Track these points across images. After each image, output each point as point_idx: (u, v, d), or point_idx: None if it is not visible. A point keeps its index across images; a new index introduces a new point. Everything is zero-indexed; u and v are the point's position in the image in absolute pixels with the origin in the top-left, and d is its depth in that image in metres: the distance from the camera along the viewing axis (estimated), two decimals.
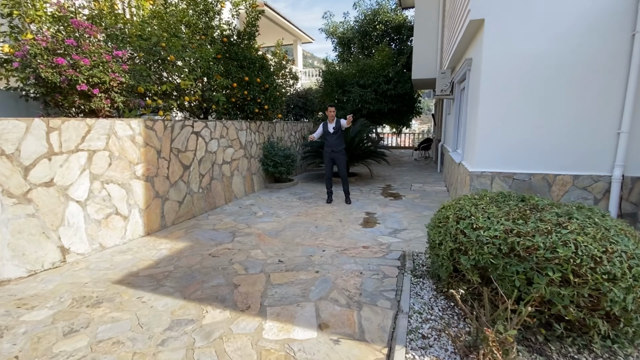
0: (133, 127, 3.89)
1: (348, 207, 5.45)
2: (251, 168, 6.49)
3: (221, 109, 6.30)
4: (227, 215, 5.01)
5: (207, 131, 5.20)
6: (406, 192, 6.66)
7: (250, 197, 6.14)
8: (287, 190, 6.80)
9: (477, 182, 4.01)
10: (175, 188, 4.53)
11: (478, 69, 4.05)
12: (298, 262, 3.29)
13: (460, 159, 5.08)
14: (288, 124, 8.25)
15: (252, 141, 6.53)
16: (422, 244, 3.77)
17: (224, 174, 5.64)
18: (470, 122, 4.54)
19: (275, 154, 6.73)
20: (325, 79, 10.05)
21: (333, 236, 4.06)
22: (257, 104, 6.76)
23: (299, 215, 5.01)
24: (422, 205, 5.51)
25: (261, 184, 6.83)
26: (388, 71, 9.82)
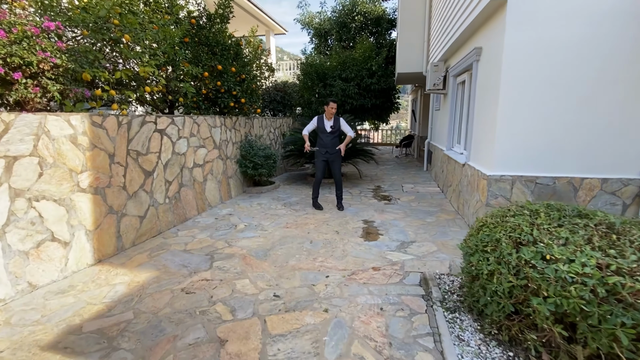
0: (74, 124, 2.97)
1: (342, 215, 4.82)
2: (227, 171, 5.65)
3: (190, 102, 5.39)
4: (201, 229, 4.18)
5: (174, 129, 4.32)
6: (399, 194, 6.16)
7: (227, 205, 5.32)
8: (269, 195, 6.04)
9: (495, 187, 3.53)
10: (135, 200, 3.64)
11: (496, 59, 3.55)
12: (299, 296, 2.60)
13: (465, 159, 4.61)
14: (267, 120, 7.44)
15: (227, 140, 5.69)
16: (439, 261, 3.23)
17: (195, 179, 4.78)
18: (481, 119, 4.06)
19: (255, 154, 5.94)
20: (305, 71, 9.31)
21: (334, 254, 3.41)
22: (232, 96, 5.91)
23: (288, 226, 4.30)
24: (422, 210, 5.01)
25: (239, 189, 6.01)
26: (371, 64, 9.27)
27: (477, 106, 4.23)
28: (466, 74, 5.09)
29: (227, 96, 5.82)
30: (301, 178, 7.80)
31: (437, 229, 4.15)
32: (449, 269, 3.08)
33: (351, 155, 7.13)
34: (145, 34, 4.04)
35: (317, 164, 5.17)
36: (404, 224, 4.40)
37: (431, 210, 5.00)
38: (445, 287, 2.73)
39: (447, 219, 4.56)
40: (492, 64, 3.67)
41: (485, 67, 3.96)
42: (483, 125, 3.94)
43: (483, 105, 3.97)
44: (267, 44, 17.14)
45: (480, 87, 4.11)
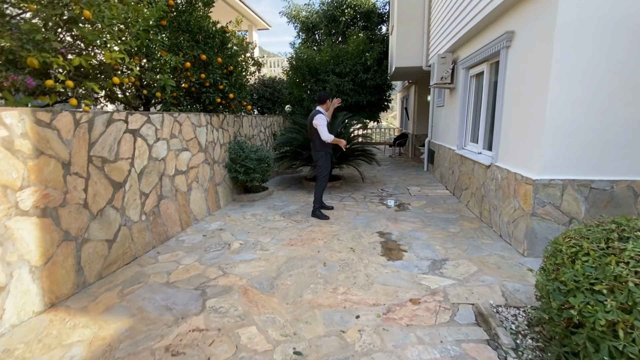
0: (9, 123, 2.17)
1: (352, 226, 4.18)
2: (215, 177, 4.88)
3: (169, 98, 4.59)
4: (187, 251, 3.43)
5: (151, 129, 3.54)
6: (407, 198, 5.59)
7: (216, 218, 4.56)
8: (264, 204, 5.31)
9: (543, 193, 2.98)
10: (101, 220, 2.85)
11: (540, 43, 3.01)
12: (328, 351, 1.94)
13: (490, 160, 4.08)
14: (257, 118, 6.69)
15: (214, 141, 4.92)
16: (486, 286, 2.65)
17: (177, 189, 4.00)
18: (515, 115, 3.52)
19: (247, 156, 5.20)
20: (295, 65, 8.60)
21: (357, 281, 2.76)
22: (218, 91, 5.15)
23: (293, 243, 3.62)
24: (440, 218, 4.45)
25: (228, 197, 5.25)
26: (365, 58, 8.69)
27: (508, 100, 3.69)
28: (485, 64, 4.56)
29: (212, 91, 5.05)
30: (295, 182, 7.11)
31: (467, 242, 3.59)
32: (504, 297, 2.51)
33: (352, 156, 6.51)
34: (111, 11, 3.24)
35: (323, 167, 4.51)
36: (426, 235, 3.81)
37: (450, 218, 4.44)
38: (511, 325, 2.14)
39: (473, 229, 4.01)
40: (535, 49, 3.13)
41: (521, 54, 3.42)
42: (519, 121, 3.40)
43: (518, 98, 3.43)
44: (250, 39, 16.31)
45: (513, 77, 3.58)
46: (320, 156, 4.49)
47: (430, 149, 8.02)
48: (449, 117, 6.36)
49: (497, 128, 3.94)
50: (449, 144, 6.25)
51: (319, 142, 4.40)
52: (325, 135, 4.27)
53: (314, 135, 4.40)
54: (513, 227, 3.39)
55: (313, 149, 4.56)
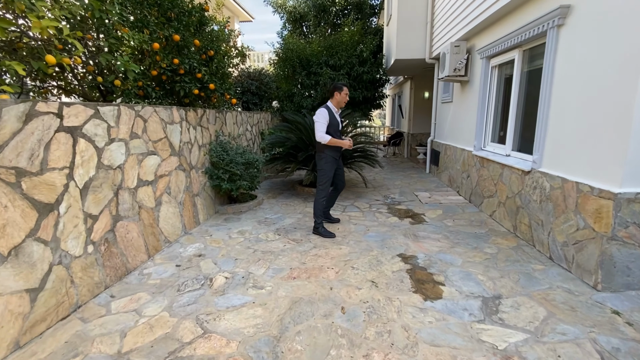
0: None
1: (364, 247, 3.38)
2: (192, 186, 3.96)
3: (133, 88, 3.64)
4: (153, 292, 2.53)
5: (100, 126, 2.60)
6: (418, 206, 4.86)
7: (194, 238, 3.65)
8: (253, 216, 4.43)
9: (627, 211, 2.29)
10: (17, 262, 1.92)
11: (622, 18, 2.30)
12: None
13: (530, 164, 3.39)
14: (243, 114, 5.78)
15: (191, 141, 4.00)
16: (572, 343, 1.92)
17: (142, 206, 3.07)
18: (576, 110, 2.82)
19: (231, 160, 4.30)
20: (285, 56, 7.71)
21: (394, 341, 1.97)
22: (196, 81, 4.22)
23: (295, 275, 2.78)
24: (466, 233, 3.73)
25: (210, 209, 4.34)
26: (362, 50, 7.91)
27: (559, 92, 3.00)
28: (516, 51, 3.87)
29: (189, 80, 4.12)
30: (288, 187, 6.25)
31: (513, 268, 2.87)
32: None
33: (351, 158, 5.72)
34: None
35: (324, 173, 3.68)
36: (460, 259, 3.07)
37: (479, 234, 3.73)
38: None
39: (511, 248, 3.31)
40: (607, 27, 2.42)
41: (582, 34, 2.71)
42: (582, 118, 2.70)
43: (580, 90, 2.73)
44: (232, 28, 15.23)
45: (568, 64, 2.87)
46: (321, 159, 3.67)
47: (433, 150, 7.35)
48: (461, 114, 5.68)
49: (540, 126, 3.24)
50: (461, 144, 5.57)
51: (320, 145, 3.62)
52: (319, 135, 3.50)
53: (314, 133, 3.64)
54: (575, 251, 2.70)
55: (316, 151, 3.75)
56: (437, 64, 7.07)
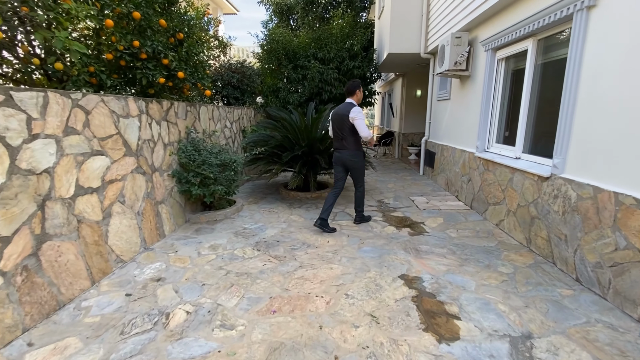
0: None
1: (359, 265, 2.86)
2: (155, 192, 3.34)
3: (83, 74, 2.99)
4: (85, 335, 1.92)
5: (15, 117, 1.97)
6: (416, 213, 4.38)
7: (155, 255, 3.03)
8: (229, 226, 3.84)
9: None
10: None
11: None
12: None
13: (550, 170, 2.94)
14: (221, 109, 5.16)
15: (154, 139, 3.37)
16: None
17: (82, 219, 2.44)
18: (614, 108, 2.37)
19: (204, 161, 3.70)
20: (270, 48, 7.11)
21: None
22: (162, 68, 3.59)
23: (275, 306, 2.22)
24: (474, 247, 3.26)
25: (178, 218, 3.72)
26: (352, 43, 7.40)
27: (589, 86, 2.55)
28: (529, 41, 3.42)
29: (152, 66, 3.49)
30: (271, 191, 5.66)
31: (538, 294, 2.40)
32: None
33: None
34: None
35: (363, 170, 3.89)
36: (473, 281, 2.58)
37: (488, 247, 3.27)
38: None
39: (529, 266, 2.85)
40: None
41: (623, 14, 2.26)
42: (622, 117, 2.25)
43: (620, 83, 2.28)
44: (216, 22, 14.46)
45: (602, 53, 2.42)
46: (359, 157, 3.75)
47: (428, 150, 6.91)
48: (460, 112, 5.24)
49: (563, 126, 2.79)
50: (461, 145, 5.13)
51: (354, 141, 3.66)
52: (366, 132, 3.59)
53: (346, 132, 3.61)
54: (612, 275, 2.25)
55: (341, 150, 3.74)
56: (433, 59, 6.63)
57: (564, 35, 3.06)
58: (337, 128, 3.67)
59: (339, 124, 3.63)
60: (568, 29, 2.91)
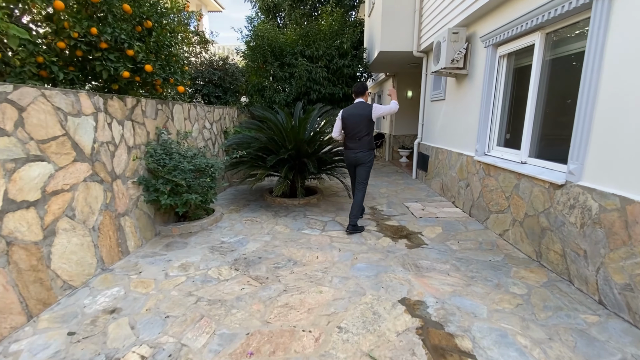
0: None
1: (352, 285, 2.48)
2: (116, 203, 2.88)
3: (29, 64, 2.53)
4: None
5: None
6: (412, 222, 4.04)
7: (114, 277, 2.58)
8: (205, 239, 3.40)
9: None
10: None
11: None
12: None
13: (564, 176, 2.64)
14: (199, 108, 4.71)
15: (114, 141, 2.91)
16: None
17: (14, 241, 1.98)
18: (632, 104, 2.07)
19: (176, 166, 3.26)
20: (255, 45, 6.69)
21: None
22: (126, 59, 3.13)
23: (252, 348, 1.82)
24: (479, 262, 2.93)
25: (146, 231, 3.26)
26: (342, 40, 7.06)
27: (612, 82, 2.25)
28: (537, 34, 3.13)
29: (115, 58, 3.03)
30: (255, 197, 5.23)
31: (560, 322, 2.07)
32: None
33: (332, 163, 4.83)
34: None
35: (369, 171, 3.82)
36: (484, 306, 2.24)
37: (495, 262, 2.94)
38: None
39: (543, 285, 2.53)
40: None
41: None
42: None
43: None
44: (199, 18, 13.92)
45: (628, 44, 2.13)
46: (372, 156, 3.76)
47: (421, 153, 6.62)
48: (457, 113, 4.94)
49: (580, 127, 2.49)
50: (458, 148, 4.83)
51: (369, 140, 3.70)
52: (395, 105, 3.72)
53: (363, 131, 3.63)
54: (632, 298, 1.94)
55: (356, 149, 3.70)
56: (426, 58, 6.35)
57: (577, 27, 2.77)
58: (353, 127, 3.66)
59: (356, 123, 3.64)
60: (584, 20, 2.62)
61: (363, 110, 3.60)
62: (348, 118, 3.66)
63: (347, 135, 3.72)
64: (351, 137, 3.69)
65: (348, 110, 3.71)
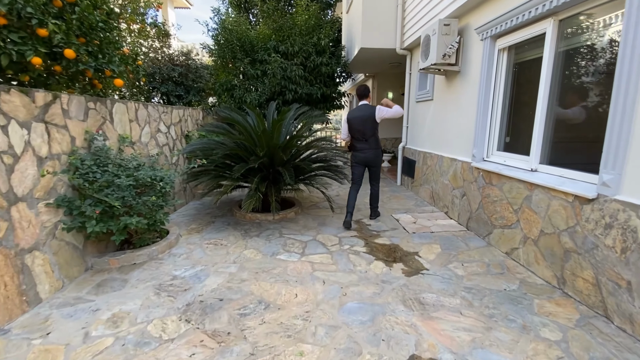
0: None
1: (342, 335, 1.87)
2: (16, 237, 2.10)
3: None
4: None
5: None
6: (404, 238, 3.50)
7: (4, 344, 1.81)
8: (152, 274, 2.66)
9: None
10: None
11: None
12: None
13: (595, 189, 2.17)
14: (151, 108, 3.93)
15: (14, 150, 2.13)
16: None
17: None
18: None
19: (110, 182, 2.51)
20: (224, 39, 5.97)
21: None
22: (37, 41, 2.35)
23: None
24: (495, 293, 2.41)
25: (71, 268, 2.48)
26: (319, 36, 6.48)
27: None
28: (548, 22, 2.69)
29: (19, 38, 2.25)
30: (224, 211, 4.50)
31: None
32: None
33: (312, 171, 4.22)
34: None
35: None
36: None
37: (513, 293, 2.43)
38: None
39: (577, 324, 2.04)
40: None
41: None
42: None
43: None
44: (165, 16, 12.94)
45: None
46: (381, 155, 4.06)
47: (406, 158, 6.15)
48: (448, 114, 4.49)
49: (615, 130, 2.03)
50: (450, 153, 4.37)
51: (375, 140, 3.92)
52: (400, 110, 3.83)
53: (369, 132, 3.83)
54: None
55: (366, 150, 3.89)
56: (410, 55, 5.91)
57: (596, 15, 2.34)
58: (359, 129, 3.83)
59: (362, 125, 3.81)
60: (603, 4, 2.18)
61: (367, 112, 3.78)
62: (353, 120, 3.83)
63: (354, 136, 3.90)
64: (358, 138, 3.88)
65: (353, 113, 3.87)
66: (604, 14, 2.33)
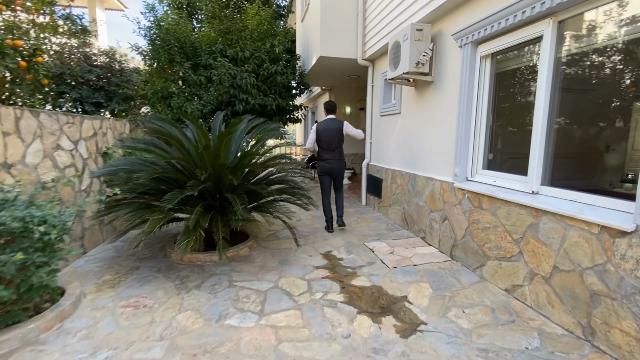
0: None
1: None
2: None
3: None
4: None
5: None
6: (386, 276, 2.88)
7: None
8: None
9: None
10: None
11: None
12: None
13: (633, 221, 1.75)
14: (43, 117, 2.84)
15: None
16: None
17: None
18: None
19: None
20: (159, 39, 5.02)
21: None
22: None
23: None
24: (515, 353, 1.87)
25: None
26: (273, 43, 5.84)
27: None
28: (546, 22, 2.34)
29: None
30: (154, 250, 3.48)
31: None
32: None
33: (270, 195, 3.45)
34: None
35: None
36: None
37: (537, 354, 1.90)
38: None
39: None
40: None
41: None
42: None
43: None
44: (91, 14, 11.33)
45: None
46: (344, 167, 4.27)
47: (371, 176, 5.67)
48: (420, 129, 4.08)
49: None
50: (425, 171, 3.94)
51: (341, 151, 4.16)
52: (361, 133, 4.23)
53: (337, 144, 4.08)
54: None
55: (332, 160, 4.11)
56: (372, 67, 5.53)
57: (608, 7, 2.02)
58: (328, 141, 4.05)
59: (331, 137, 4.04)
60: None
61: (336, 125, 4.06)
62: (323, 131, 4.05)
63: (322, 147, 4.10)
64: (326, 149, 4.08)
65: (323, 124, 4.08)
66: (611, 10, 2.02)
